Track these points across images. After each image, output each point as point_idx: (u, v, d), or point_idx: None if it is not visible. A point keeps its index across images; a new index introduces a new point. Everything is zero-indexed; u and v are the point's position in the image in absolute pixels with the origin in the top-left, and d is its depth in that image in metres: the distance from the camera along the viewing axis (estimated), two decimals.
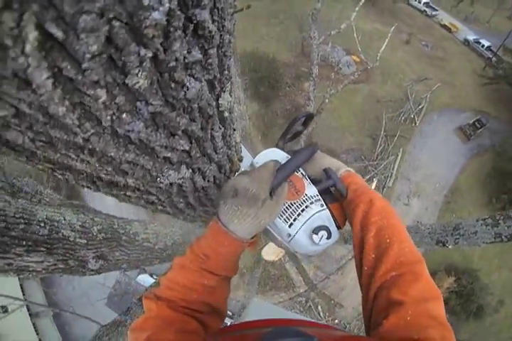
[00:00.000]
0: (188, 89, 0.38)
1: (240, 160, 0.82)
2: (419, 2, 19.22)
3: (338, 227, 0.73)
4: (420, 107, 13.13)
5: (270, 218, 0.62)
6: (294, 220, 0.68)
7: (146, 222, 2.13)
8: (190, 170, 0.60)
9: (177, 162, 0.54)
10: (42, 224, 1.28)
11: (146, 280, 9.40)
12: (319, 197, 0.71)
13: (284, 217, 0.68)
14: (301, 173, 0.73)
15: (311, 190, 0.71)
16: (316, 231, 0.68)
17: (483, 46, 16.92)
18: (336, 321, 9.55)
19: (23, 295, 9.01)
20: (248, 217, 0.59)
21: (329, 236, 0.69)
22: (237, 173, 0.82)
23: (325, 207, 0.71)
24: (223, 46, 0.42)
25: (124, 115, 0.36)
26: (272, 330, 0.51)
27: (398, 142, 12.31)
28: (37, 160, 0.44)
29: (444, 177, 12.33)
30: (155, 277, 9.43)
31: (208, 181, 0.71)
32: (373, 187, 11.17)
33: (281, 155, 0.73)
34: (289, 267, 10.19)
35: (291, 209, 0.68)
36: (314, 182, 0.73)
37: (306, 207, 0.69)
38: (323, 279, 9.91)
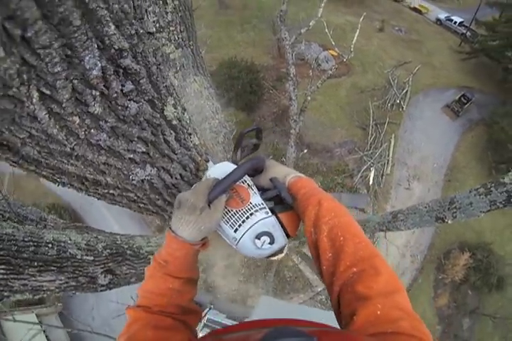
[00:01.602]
0: (130, 109, 0.56)
1: (207, 160, 0.92)
2: None
3: (288, 235, 0.80)
4: (404, 91, 13.22)
5: (211, 224, 0.71)
6: (239, 226, 0.76)
7: (148, 236, 2.21)
8: (155, 169, 0.74)
9: (141, 161, 0.69)
10: (50, 245, 1.36)
11: None
12: (264, 205, 0.78)
13: (230, 222, 0.76)
14: (248, 184, 0.81)
15: (256, 199, 0.78)
16: (258, 236, 0.75)
17: (455, 23, 17.09)
18: None
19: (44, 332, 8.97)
20: (190, 223, 0.69)
21: (272, 242, 0.76)
22: (205, 172, 0.92)
23: (270, 214, 0.77)
24: (154, 74, 0.57)
25: (92, 130, 0.54)
26: (272, 330, 0.52)
27: (389, 129, 12.39)
28: (42, 168, 0.63)
29: (441, 156, 12.40)
30: None
31: (176, 179, 0.84)
32: (372, 176, 11.27)
33: (229, 169, 0.80)
34: (303, 267, 10.22)
35: (236, 216, 0.76)
36: (264, 191, 0.81)
37: (251, 214, 0.76)
38: None
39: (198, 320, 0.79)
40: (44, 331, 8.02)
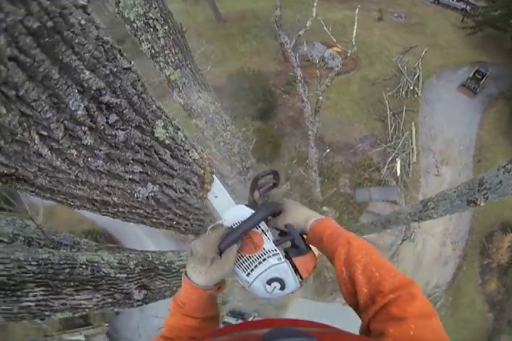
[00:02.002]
0: (118, 137, 0.64)
1: (212, 172, 0.98)
2: None
3: (302, 278, 0.81)
4: (416, 77, 12.92)
5: (222, 272, 0.75)
6: (252, 271, 0.78)
7: (179, 251, 2.30)
8: (157, 186, 0.82)
9: (141, 180, 0.77)
10: (84, 266, 1.46)
11: None
12: (277, 251, 0.80)
13: (243, 267, 0.80)
14: (261, 229, 0.83)
15: (269, 245, 0.80)
16: (269, 282, 0.77)
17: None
18: None
19: None
20: (201, 272, 0.73)
21: (283, 288, 0.78)
22: (212, 184, 0.99)
23: (283, 260, 0.79)
24: (136, 103, 0.65)
25: (89, 159, 0.62)
26: (272, 330, 0.53)
27: (407, 117, 12.11)
28: (55, 194, 0.73)
29: (465, 137, 11.97)
30: None
31: (181, 193, 0.91)
32: (398, 167, 11.03)
33: (245, 214, 0.81)
34: None
35: (249, 261, 0.79)
36: (282, 233, 0.84)
37: (264, 260, 0.78)
38: None
39: None
40: None
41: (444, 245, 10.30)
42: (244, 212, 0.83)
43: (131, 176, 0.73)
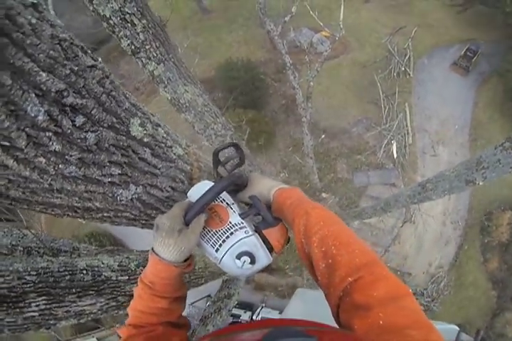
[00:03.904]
0: (88, 139, 0.60)
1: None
2: None
3: (274, 251, 0.79)
4: (407, 57, 12.81)
5: (190, 244, 0.72)
6: (220, 246, 0.76)
7: None
8: (141, 187, 0.78)
9: (122, 182, 0.73)
10: (84, 272, 1.44)
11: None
12: (244, 224, 0.78)
13: (211, 243, 0.77)
14: (226, 202, 0.81)
15: (236, 219, 0.78)
16: (238, 256, 0.75)
17: None
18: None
19: None
20: (170, 245, 0.70)
21: (253, 262, 0.76)
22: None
23: (250, 233, 0.77)
24: (105, 102, 0.61)
25: (60, 165, 0.58)
26: (272, 330, 0.51)
27: (401, 98, 12.02)
28: (33, 205, 0.68)
29: (460, 116, 11.93)
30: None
31: (167, 191, 0.88)
32: (394, 149, 11.02)
33: (207, 188, 0.77)
34: None
35: (216, 237, 0.77)
36: (250, 207, 0.81)
37: (231, 234, 0.76)
38: (384, 253, 9.74)
39: (188, 332, 0.82)
40: None
41: (445, 225, 10.36)
42: (207, 186, 0.80)
43: (110, 179, 0.69)
